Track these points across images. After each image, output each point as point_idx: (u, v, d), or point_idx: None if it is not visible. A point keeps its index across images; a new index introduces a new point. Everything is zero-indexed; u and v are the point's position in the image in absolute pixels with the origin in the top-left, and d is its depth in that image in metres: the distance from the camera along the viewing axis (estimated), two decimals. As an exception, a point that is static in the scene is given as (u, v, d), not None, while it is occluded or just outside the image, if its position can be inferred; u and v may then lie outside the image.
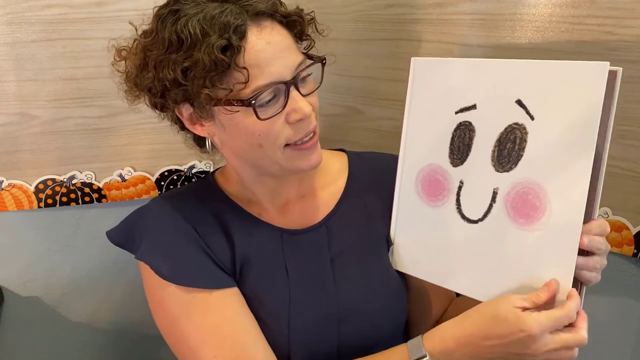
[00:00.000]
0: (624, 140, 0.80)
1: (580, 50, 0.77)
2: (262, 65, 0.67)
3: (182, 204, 0.79)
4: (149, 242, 0.76)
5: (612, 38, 0.74)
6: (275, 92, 0.68)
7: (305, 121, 0.71)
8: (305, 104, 0.70)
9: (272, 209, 0.81)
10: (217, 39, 0.65)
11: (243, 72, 0.66)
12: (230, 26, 0.65)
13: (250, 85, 0.67)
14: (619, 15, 0.73)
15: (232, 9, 0.67)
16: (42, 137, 1.01)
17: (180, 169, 1.09)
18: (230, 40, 0.65)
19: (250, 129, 0.70)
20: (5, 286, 1.10)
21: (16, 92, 0.97)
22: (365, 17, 0.96)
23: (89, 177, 1.06)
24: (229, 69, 0.65)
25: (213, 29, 0.65)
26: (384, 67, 0.97)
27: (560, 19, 0.77)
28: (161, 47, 0.68)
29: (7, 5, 0.92)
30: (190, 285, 0.73)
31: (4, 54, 0.95)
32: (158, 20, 0.69)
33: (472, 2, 0.84)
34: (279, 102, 0.69)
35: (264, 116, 0.68)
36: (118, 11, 0.95)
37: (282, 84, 0.68)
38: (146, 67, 0.70)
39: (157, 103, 0.73)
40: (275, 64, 0.68)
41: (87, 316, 1.16)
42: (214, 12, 0.66)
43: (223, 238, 0.77)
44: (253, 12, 0.68)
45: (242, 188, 0.81)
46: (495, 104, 0.67)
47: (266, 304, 0.76)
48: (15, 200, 1.05)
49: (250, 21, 0.67)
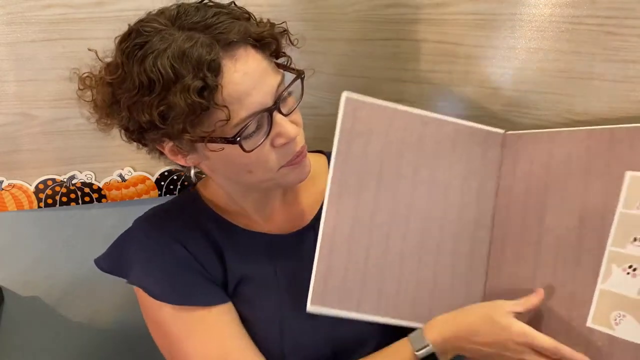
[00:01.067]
0: (624, 140, 0.80)
1: (580, 50, 0.77)
2: (242, 98, 0.64)
3: (169, 222, 0.78)
4: (140, 265, 0.76)
5: (612, 38, 0.74)
6: (258, 120, 0.66)
7: (291, 143, 0.69)
8: (290, 127, 0.67)
9: (259, 219, 0.81)
10: (191, 79, 0.61)
11: (224, 110, 0.63)
12: (203, 63, 0.61)
13: (233, 121, 0.64)
14: (619, 15, 0.72)
15: (203, 40, 0.62)
16: (42, 137, 1.01)
17: (180, 169, 1.09)
18: (205, 80, 0.61)
19: (237, 160, 0.68)
20: (5, 286, 1.10)
21: (16, 92, 0.97)
22: (365, 17, 0.96)
23: (89, 177, 1.06)
24: (208, 109, 0.62)
25: (185, 67, 0.61)
26: (384, 67, 0.97)
27: (560, 19, 0.77)
28: (131, 87, 0.64)
29: (7, 5, 0.92)
30: (186, 304, 0.73)
31: (4, 54, 0.95)
32: (123, 55, 0.65)
33: (472, 2, 0.83)
34: (262, 129, 0.67)
35: (249, 148, 0.66)
36: (118, 11, 0.95)
37: (265, 111, 0.66)
38: (117, 105, 0.67)
39: (134, 139, 0.71)
40: (254, 94, 0.65)
41: (87, 316, 1.16)
42: (184, 47, 0.61)
43: (213, 253, 0.77)
44: (225, 43, 0.64)
45: (227, 201, 0.81)
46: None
47: (257, 312, 0.77)
48: (15, 200, 1.05)
49: (223, 52, 0.63)
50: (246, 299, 0.77)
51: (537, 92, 0.82)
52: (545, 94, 0.81)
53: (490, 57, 0.84)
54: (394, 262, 0.74)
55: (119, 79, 0.65)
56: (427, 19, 0.89)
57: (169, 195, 1.10)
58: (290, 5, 0.95)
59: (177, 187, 1.10)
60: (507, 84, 0.84)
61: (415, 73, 0.93)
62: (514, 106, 0.85)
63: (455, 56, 0.88)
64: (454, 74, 0.89)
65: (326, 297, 0.70)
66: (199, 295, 0.74)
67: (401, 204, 0.75)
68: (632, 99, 0.74)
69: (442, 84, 0.91)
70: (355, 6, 0.96)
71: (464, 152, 0.77)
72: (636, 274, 0.66)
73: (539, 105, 0.83)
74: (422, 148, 0.76)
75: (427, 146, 0.76)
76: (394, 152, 0.75)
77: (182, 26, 0.64)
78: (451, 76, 0.89)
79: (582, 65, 0.77)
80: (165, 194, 1.10)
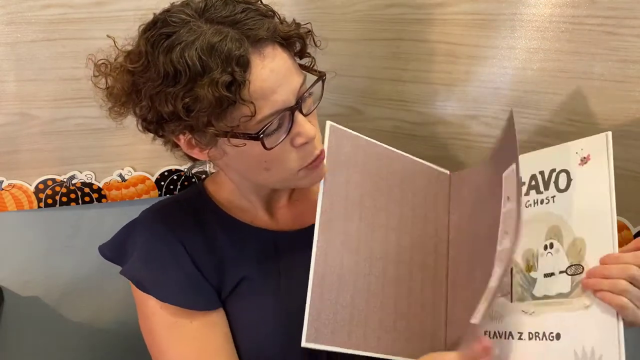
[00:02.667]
0: (624, 140, 0.80)
1: (580, 50, 0.77)
2: (267, 95, 0.64)
3: (171, 217, 0.78)
4: (136, 256, 0.76)
5: (612, 38, 0.74)
6: (280, 119, 0.66)
7: (310, 144, 0.69)
8: (310, 127, 0.68)
9: (265, 215, 0.81)
10: (220, 73, 0.61)
11: (249, 106, 0.63)
12: (232, 58, 0.61)
13: (257, 117, 0.64)
14: (619, 15, 0.72)
15: (232, 35, 0.62)
16: (42, 137, 1.01)
17: (180, 169, 1.09)
18: (234, 74, 0.61)
19: (256, 157, 0.68)
20: (5, 286, 1.10)
21: (16, 92, 0.97)
22: (366, 17, 0.96)
23: (89, 177, 1.06)
24: (235, 104, 0.62)
25: (214, 61, 0.61)
26: (384, 67, 0.97)
27: (560, 19, 0.77)
28: (155, 77, 0.63)
29: (7, 5, 0.92)
30: (170, 302, 0.73)
31: (4, 54, 0.95)
32: (147, 44, 0.65)
33: (472, 2, 0.83)
34: (283, 127, 0.67)
35: (270, 145, 0.66)
36: (118, 11, 0.95)
37: (287, 110, 0.66)
38: (138, 94, 0.67)
39: (152, 130, 0.70)
40: (279, 92, 0.65)
41: (87, 316, 1.16)
42: (213, 40, 0.61)
43: (212, 254, 0.77)
44: (254, 40, 0.64)
45: (235, 196, 0.81)
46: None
47: (256, 311, 0.76)
48: (15, 200, 1.05)
49: (252, 49, 0.63)
50: (246, 298, 0.77)
51: (537, 92, 0.82)
52: (545, 94, 0.81)
53: (490, 57, 0.84)
54: (376, 294, 0.74)
55: (141, 68, 0.65)
56: (427, 19, 0.89)
57: (169, 195, 1.10)
58: (290, 5, 0.95)
59: (177, 187, 1.10)
60: (507, 84, 0.84)
61: (415, 73, 0.93)
62: (514, 106, 0.85)
63: (455, 56, 0.88)
64: (454, 74, 0.89)
65: (319, 334, 0.70)
66: (185, 296, 0.74)
67: (378, 235, 0.76)
68: (632, 99, 0.74)
69: (442, 84, 0.91)
70: (356, 6, 0.96)
71: (420, 187, 0.81)
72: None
73: (539, 105, 0.83)
74: (391, 181, 0.79)
75: (395, 180, 0.79)
76: (371, 184, 0.77)
77: (210, 19, 0.64)
78: (451, 76, 0.89)
79: (582, 65, 0.77)
80: (165, 193, 1.10)
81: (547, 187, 0.71)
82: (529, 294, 0.69)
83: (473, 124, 0.90)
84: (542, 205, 0.71)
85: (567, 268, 0.66)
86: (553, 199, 0.70)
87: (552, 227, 0.69)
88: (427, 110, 0.94)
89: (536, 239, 0.70)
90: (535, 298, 0.68)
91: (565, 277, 0.66)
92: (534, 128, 0.84)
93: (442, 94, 0.92)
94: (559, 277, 0.67)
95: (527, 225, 0.71)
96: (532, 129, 0.84)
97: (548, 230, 0.69)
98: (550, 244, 0.68)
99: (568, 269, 0.66)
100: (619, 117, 0.76)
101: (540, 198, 0.71)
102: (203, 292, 0.76)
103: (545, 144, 0.82)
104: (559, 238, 0.68)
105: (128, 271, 0.77)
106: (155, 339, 0.75)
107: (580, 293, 0.64)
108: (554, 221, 0.69)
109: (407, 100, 0.95)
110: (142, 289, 0.75)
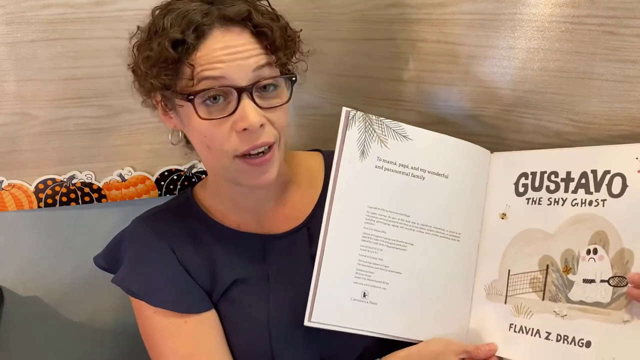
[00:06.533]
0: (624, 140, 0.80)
1: (580, 50, 0.77)
2: (212, 64, 0.67)
3: (161, 224, 0.80)
4: (128, 263, 0.78)
5: (612, 38, 0.74)
6: (225, 95, 0.68)
7: (254, 133, 0.69)
8: (255, 115, 0.67)
9: (252, 219, 0.81)
10: (174, 33, 0.66)
11: (190, 68, 0.67)
12: (192, 24, 0.67)
13: (199, 84, 0.67)
14: (619, 15, 0.72)
15: (205, 9, 0.68)
16: (42, 137, 1.01)
17: (180, 169, 1.09)
18: (185, 36, 0.67)
19: (196, 127, 0.70)
20: (5, 286, 1.10)
21: (16, 92, 0.97)
22: (365, 17, 0.96)
23: (89, 177, 1.06)
24: (178, 63, 0.67)
25: (179, 24, 0.67)
26: (384, 67, 0.97)
27: (560, 19, 0.77)
28: (143, 34, 0.72)
29: (7, 5, 0.92)
30: (163, 307, 0.75)
31: (4, 54, 0.95)
32: (151, 15, 0.72)
33: (472, 2, 0.83)
34: (228, 106, 0.68)
35: (204, 115, 0.68)
36: (118, 11, 0.95)
37: (234, 88, 0.67)
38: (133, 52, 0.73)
39: (138, 88, 0.75)
40: (227, 68, 0.67)
41: (87, 316, 1.16)
42: (189, 9, 0.68)
43: (202, 259, 0.78)
44: (220, 17, 0.68)
45: (222, 198, 0.81)
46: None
47: (247, 315, 0.77)
48: (15, 200, 1.05)
49: (217, 24, 0.68)
50: (236, 301, 0.78)
51: (537, 92, 0.82)
52: (545, 94, 0.81)
53: (491, 57, 0.84)
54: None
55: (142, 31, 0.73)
56: (427, 19, 0.89)
57: (169, 195, 1.10)
58: (290, 5, 0.95)
59: (177, 187, 1.10)
60: (507, 84, 0.84)
61: (415, 73, 0.93)
62: (514, 106, 0.85)
63: (455, 56, 0.88)
64: (454, 74, 0.89)
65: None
66: (176, 300, 0.76)
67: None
68: (632, 99, 0.74)
69: (442, 84, 0.91)
70: (355, 6, 0.96)
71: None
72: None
73: (539, 105, 0.83)
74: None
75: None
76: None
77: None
78: (451, 76, 0.89)
79: (582, 65, 0.77)
80: (165, 193, 1.10)
81: (599, 188, 0.68)
82: (564, 296, 0.67)
83: (473, 124, 0.90)
84: (589, 206, 0.68)
85: (610, 278, 0.64)
86: (603, 202, 0.67)
87: (598, 232, 0.66)
88: (427, 110, 0.94)
89: (579, 241, 0.67)
90: (569, 301, 0.67)
91: (606, 286, 0.64)
92: (534, 128, 0.84)
93: (442, 94, 0.92)
94: (599, 285, 0.65)
95: (570, 225, 0.69)
96: (532, 129, 0.84)
97: (594, 235, 0.67)
98: (594, 249, 0.66)
99: (611, 280, 0.64)
100: (619, 117, 0.76)
101: (589, 199, 0.68)
102: (194, 294, 0.76)
103: (546, 144, 0.83)
104: (604, 245, 0.66)
105: (119, 279, 0.78)
106: (151, 342, 0.77)
107: (621, 306, 0.63)
108: (602, 226, 0.66)
109: (407, 100, 0.95)
110: (134, 295, 0.76)
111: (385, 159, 0.76)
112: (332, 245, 0.72)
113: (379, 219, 0.74)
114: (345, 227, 0.73)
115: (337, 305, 0.72)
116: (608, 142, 0.76)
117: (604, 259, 0.65)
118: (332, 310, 0.72)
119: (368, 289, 0.74)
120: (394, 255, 0.74)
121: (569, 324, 0.66)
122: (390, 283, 0.74)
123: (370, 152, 0.75)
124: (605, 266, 0.65)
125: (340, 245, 0.73)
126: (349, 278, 0.73)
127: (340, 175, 0.73)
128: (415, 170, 0.76)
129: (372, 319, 0.74)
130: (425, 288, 0.75)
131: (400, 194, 0.75)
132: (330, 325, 0.72)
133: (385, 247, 0.74)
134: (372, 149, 0.75)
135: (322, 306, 0.71)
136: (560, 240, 0.69)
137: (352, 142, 0.74)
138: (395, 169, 0.76)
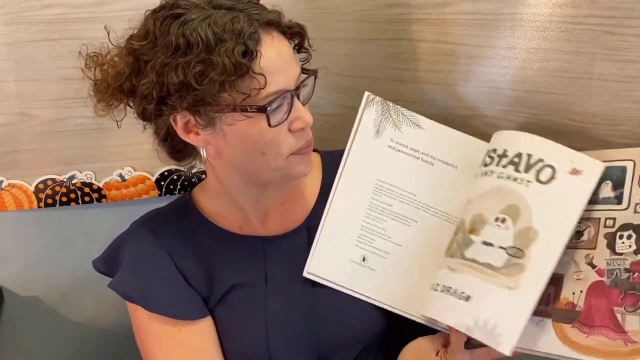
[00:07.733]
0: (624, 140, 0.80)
1: (580, 50, 0.77)
2: (273, 73, 0.67)
3: (159, 228, 0.80)
4: (124, 267, 0.78)
5: (612, 38, 0.74)
6: (281, 100, 0.69)
7: (306, 130, 0.72)
8: (307, 113, 0.71)
9: (253, 219, 0.81)
10: (234, 43, 0.64)
11: (259, 78, 0.65)
12: (244, 33, 0.65)
13: (263, 93, 0.67)
14: (619, 15, 0.72)
15: (242, 17, 0.66)
16: (42, 137, 1.01)
17: (180, 169, 1.09)
18: (247, 45, 0.64)
19: (256, 137, 0.69)
20: (5, 286, 1.10)
21: (16, 92, 0.97)
22: (365, 17, 0.96)
23: (89, 177, 1.06)
24: (248, 73, 0.65)
25: (227, 34, 0.64)
26: (384, 67, 0.97)
27: (560, 19, 0.77)
28: (165, 50, 0.65)
29: (7, 5, 0.92)
30: (158, 312, 0.75)
31: (4, 54, 0.95)
32: (156, 22, 0.67)
33: (472, 2, 0.83)
34: (283, 110, 0.69)
35: (274, 123, 0.68)
36: (118, 11, 0.95)
37: (288, 92, 0.69)
38: (140, 72, 0.68)
39: (150, 110, 0.69)
40: (283, 74, 0.68)
41: (87, 316, 1.16)
42: (224, 19, 0.65)
43: (200, 265, 0.78)
44: (263, 22, 0.68)
45: (224, 201, 0.80)
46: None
47: (243, 318, 0.77)
48: (15, 200, 1.05)
49: (261, 30, 0.67)
50: (233, 306, 0.78)
51: (537, 92, 0.82)
52: (545, 94, 0.81)
53: (491, 57, 0.84)
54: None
55: (148, 45, 0.67)
56: (427, 19, 0.89)
57: (169, 195, 1.10)
58: (290, 5, 0.95)
59: (177, 187, 1.10)
60: (507, 84, 0.84)
61: (415, 73, 0.93)
62: (514, 106, 0.85)
63: (455, 56, 0.88)
64: (454, 74, 0.89)
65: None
66: (172, 306, 0.75)
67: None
68: (632, 99, 0.74)
69: (442, 84, 0.91)
70: (356, 6, 0.96)
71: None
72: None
73: (539, 105, 0.83)
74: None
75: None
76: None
77: (217, 6, 0.67)
78: (451, 76, 0.89)
79: (582, 65, 0.77)
80: (165, 194, 1.10)
81: (528, 171, 0.70)
82: (460, 253, 0.70)
83: (473, 124, 0.90)
84: (513, 182, 0.70)
85: (509, 247, 0.67)
86: (528, 183, 0.69)
87: (512, 205, 0.69)
88: (427, 110, 0.94)
89: (492, 208, 0.70)
90: (463, 258, 0.69)
91: (502, 253, 0.67)
92: (534, 128, 0.84)
93: (442, 94, 0.92)
94: (496, 250, 0.68)
95: (488, 193, 0.72)
96: (532, 129, 0.84)
97: (507, 207, 0.69)
98: (503, 218, 0.69)
99: (509, 249, 0.67)
100: (619, 117, 0.76)
101: (515, 176, 0.71)
102: (190, 301, 0.76)
103: (545, 144, 0.83)
104: (514, 218, 0.68)
105: (115, 284, 0.78)
106: (145, 348, 0.77)
107: (510, 275, 0.66)
108: (518, 201, 0.69)
109: (407, 100, 0.95)
110: (129, 300, 0.76)
111: (398, 141, 0.80)
112: (338, 207, 0.77)
113: (387, 192, 0.78)
114: (353, 193, 0.78)
115: (337, 262, 0.77)
116: (608, 142, 0.76)
117: (509, 229, 0.68)
118: (331, 266, 0.77)
119: (368, 255, 0.77)
120: (398, 228, 0.78)
121: (456, 277, 0.69)
122: (391, 253, 0.77)
123: (384, 133, 0.79)
124: (508, 236, 0.68)
125: (346, 209, 0.78)
126: (350, 240, 0.77)
127: (354, 147, 0.78)
128: (426, 156, 0.80)
129: (370, 284, 0.77)
130: (424, 266, 0.76)
131: (409, 174, 0.79)
132: (327, 281, 0.77)
133: (390, 219, 0.78)
134: (386, 130, 0.79)
135: (320, 258, 0.76)
136: (476, 205, 0.72)
137: (368, 121, 0.79)
138: (406, 151, 0.80)
